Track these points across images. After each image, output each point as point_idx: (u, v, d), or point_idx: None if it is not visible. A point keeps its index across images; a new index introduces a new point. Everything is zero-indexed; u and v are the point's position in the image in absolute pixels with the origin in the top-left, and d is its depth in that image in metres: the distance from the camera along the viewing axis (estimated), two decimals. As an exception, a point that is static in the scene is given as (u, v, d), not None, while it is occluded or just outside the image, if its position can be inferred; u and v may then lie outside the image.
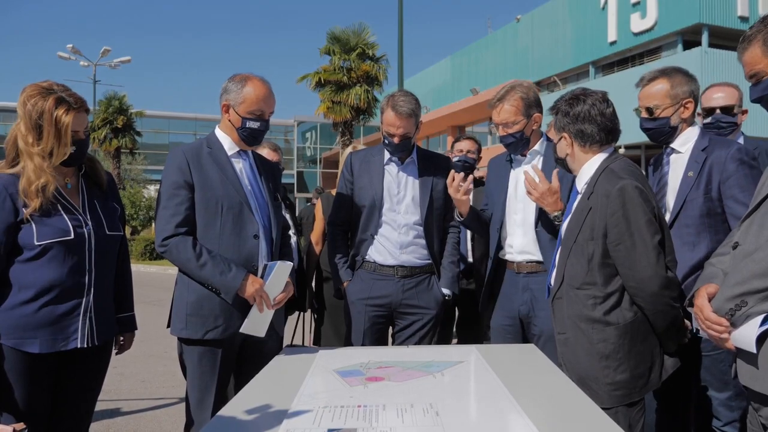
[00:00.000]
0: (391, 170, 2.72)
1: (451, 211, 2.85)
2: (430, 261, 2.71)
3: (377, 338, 2.73)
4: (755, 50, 1.51)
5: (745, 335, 1.43)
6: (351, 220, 2.77)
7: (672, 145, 2.31)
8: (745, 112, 2.77)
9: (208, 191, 2.14)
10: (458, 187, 2.49)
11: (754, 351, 1.41)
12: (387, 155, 2.73)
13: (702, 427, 2.29)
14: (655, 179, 2.37)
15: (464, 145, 3.74)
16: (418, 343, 2.67)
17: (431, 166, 2.76)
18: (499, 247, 2.61)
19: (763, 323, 1.39)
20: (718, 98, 2.76)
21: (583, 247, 1.93)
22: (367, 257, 2.70)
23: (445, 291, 2.72)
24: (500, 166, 2.72)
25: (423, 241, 2.70)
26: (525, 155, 2.59)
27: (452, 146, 3.88)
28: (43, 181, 1.83)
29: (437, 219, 2.74)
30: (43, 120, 1.84)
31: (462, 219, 2.63)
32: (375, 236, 2.69)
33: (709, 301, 1.56)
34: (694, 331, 1.94)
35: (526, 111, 2.47)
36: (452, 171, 2.59)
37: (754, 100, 1.57)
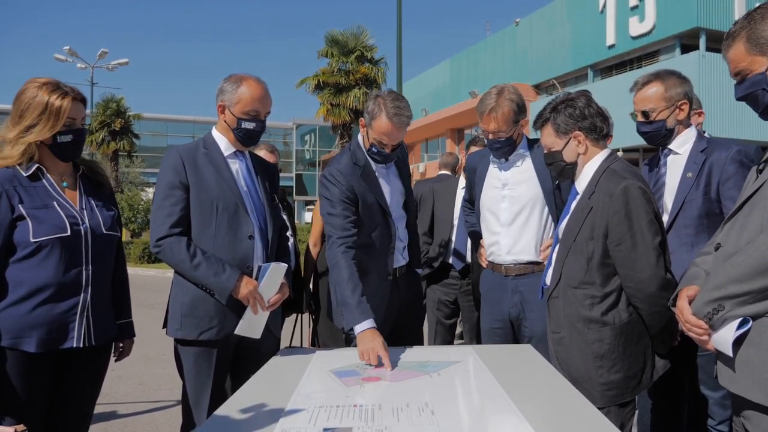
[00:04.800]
0: (381, 178, 2.51)
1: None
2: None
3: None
4: (739, 47, 1.47)
5: (723, 339, 1.44)
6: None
7: (669, 147, 2.32)
8: (700, 114, 2.66)
9: (204, 192, 2.14)
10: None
11: (731, 354, 1.42)
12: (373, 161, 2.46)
13: (696, 426, 2.30)
14: (651, 180, 2.37)
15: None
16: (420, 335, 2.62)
17: (401, 163, 2.63)
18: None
19: (739, 327, 1.41)
20: None
21: (583, 247, 1.93)
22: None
23: (418, 270, 2.69)
24: (481, 165, 2.70)
25: (405, 243, 2.59)
26: (507, 158, 2.58)
27: (466, 148, 3.89)
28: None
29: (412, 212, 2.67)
30: (30, 105, 1.87)
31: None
32: (393, 248, 2.49)
33: (690, 302, 1.56)
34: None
35: (516, 118, 2.47)
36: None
37: (739, 98, 1.54)
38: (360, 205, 2.37)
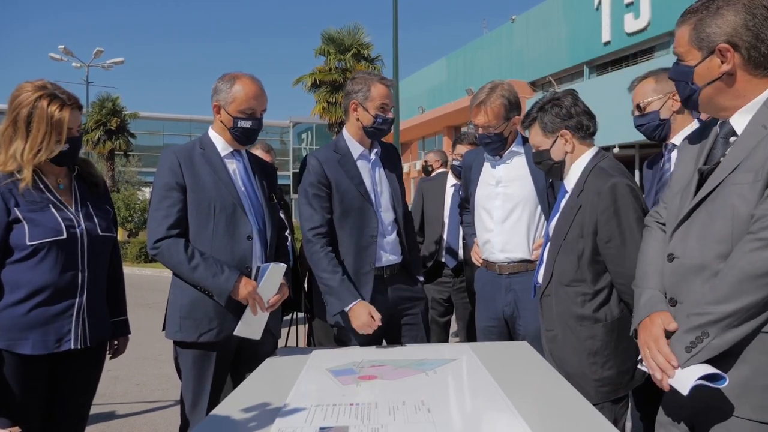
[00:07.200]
0: (364, 167, 2.47)
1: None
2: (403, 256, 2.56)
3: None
4: (684, 31, 1.41)
5: (684, 377, 1.29)
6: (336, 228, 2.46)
7: (672, 141, 2.33)
8: None
9: (201, 192, 2.14)
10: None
11: (685, 394, 1.28)
12: (358, 151, 2.46)
13: None
14: (654, 176, 2.39)
15: (463, 150, 3.70)
16: (425, 330, 2.56)
17: (389, 156, 2.59)
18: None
19: (712, 380, 1.26)
20: None
21: (573, 245, 1.95)
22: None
23: (420, 278, 2.62)
24: (476, 163, 2.72)
25: (398, 238, 2.53)
26: (501, 155, 2.60)
27: (453, 146, 3.90)
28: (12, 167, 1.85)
29: (406, 212, 2.62)
30: (33, 117, 1.85)
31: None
32: (375, 237, 2.45)
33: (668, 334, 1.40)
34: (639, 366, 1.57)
35: (507, 114, 2.48)
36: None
37: (669, 78, 1.54)
38: (333, 190, 2.38)
